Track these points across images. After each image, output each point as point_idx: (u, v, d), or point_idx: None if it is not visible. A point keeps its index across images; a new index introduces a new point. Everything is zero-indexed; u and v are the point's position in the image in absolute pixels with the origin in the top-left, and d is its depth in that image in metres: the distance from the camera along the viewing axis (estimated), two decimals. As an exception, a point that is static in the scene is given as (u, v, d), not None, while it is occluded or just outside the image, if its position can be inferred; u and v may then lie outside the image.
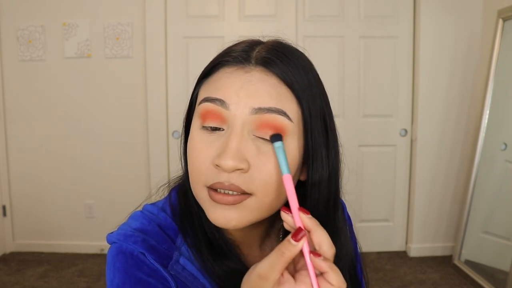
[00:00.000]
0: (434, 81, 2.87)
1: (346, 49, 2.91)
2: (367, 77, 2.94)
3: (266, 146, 0.52)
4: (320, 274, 0.46)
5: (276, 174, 0.51)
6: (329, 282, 0.45)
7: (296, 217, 0.47)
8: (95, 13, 2.88)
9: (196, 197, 0.56)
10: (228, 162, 0.49)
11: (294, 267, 0.49)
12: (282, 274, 0.47)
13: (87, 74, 2.93)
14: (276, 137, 0.51)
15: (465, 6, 2.82)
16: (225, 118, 0.52)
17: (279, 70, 0.52)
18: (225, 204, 0.52)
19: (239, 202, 0.51)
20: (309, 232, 0.47)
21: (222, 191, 0.51)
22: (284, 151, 0.50)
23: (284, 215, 0.48)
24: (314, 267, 0.46)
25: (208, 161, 0.52)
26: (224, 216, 0.52)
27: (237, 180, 0.51)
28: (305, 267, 0.47)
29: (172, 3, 2.85)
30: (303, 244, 0.46)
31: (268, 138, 0.51)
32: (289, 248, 0.45)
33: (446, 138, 2.92)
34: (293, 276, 0.47)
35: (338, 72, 2.92)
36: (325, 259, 0.46)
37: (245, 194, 0.52)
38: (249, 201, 0.52)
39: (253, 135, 0.52)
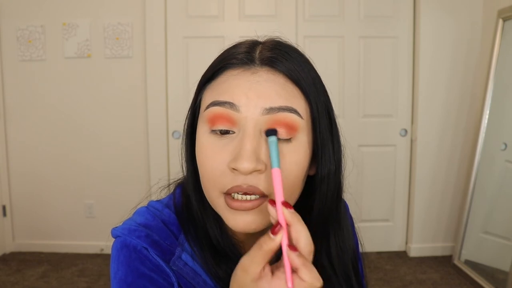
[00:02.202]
0: (434, 81, 2.87)
1: (346, 49, 2.91)
2: (367, 77, 2.94)
3: (279, 145, 0.52)
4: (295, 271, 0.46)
5: (291, 171, 0.52)
6: (302, 279, 0.45)
7: (278, 211, 0.47)
8: (95, 13, 2.88)
9: (211, 204, 0.56)
10: (245, 164, 0.49)
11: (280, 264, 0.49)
12: (264, 268, 0.47)
13: (87, 74, 2.93)
14: (271, 131, 0.51)
15: (465, 6, 2.82)
16: (235, 120, 0.52)
17: (285, 68, 0.53)
18: (244, 210, 0.52)
19: (257, 207, 0.52)
20: (290, 226, 0.47)
21: (240, 197, 0.52)
22: (277, 145, 0.50)
23: (270, 208, 0.48)
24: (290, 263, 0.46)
25: (222, 165, 0.52)
26: (244, 221, 0.53)
27: (254, 181, 0.51)
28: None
29: (172, 3, 2.85)
30: (282, 239, 0.46)
31: (281, 136, 0.52)
32: (266, 242, 0.46)
33: (446, 138, 2.92)
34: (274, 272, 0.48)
35: (338, 72, 2.92)
36: (300, 255, 0.46)
37: (262, 197, 0.52)
38: (266, 204, 0.52)
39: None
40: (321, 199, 0.57)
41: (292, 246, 0.46)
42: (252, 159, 0.50)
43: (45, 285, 2.56)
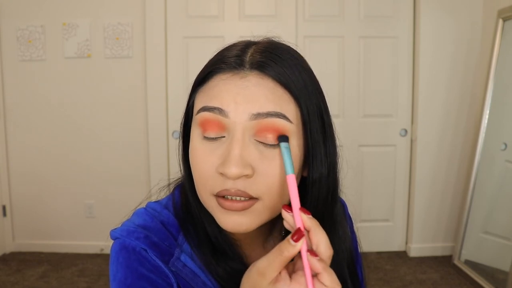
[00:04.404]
0: (434, 81, 2.87)
1: (346, 49, 2.91)
2: (367, 77, 2.94)
3: (268, 150, 0.52)
4: (315, 275, 0.46)
5: (279, 176, 0.52)
6: (323, 283, 0.46)
7: (297, 217, 0.47)
8: (95, 13, 2.88)
9: (204, 205, 0.57)
10: (233, 169, 0.50)
11: (294, 267, 0.50)
12: (280, 272, 0.47)
13: (87, 74, 2.93)
14: (283, 137, 0.51)
15: (465, 6, 2.82)
16: (225, 125, 0.52)
17: (275, 72, 0.52)
18: (235, 210, 0.52)
19: (247, 208, 0.52)
20: (308, 231, 0.47)
21: (230, 197, 0.52)
22: (290, 151, 0.50)
23: (285, 213, 0.49)
24: (310, 267, 0.46)
25: (212, 169, 0.52)
26: (235, 221, 0.53)
27: (243, 185, 0.51)
28: (302, 267, 0.47)
29: (172, 3, 2.85)
30: (302, 245, 0.46)
31: (269, 142, 0.52)
32: (288, 248, 0.46)
33: (446, 138, 2.92)
34: (291, 275, 0.48)
35: (338, 72, 2.92)
36: (321, 260, 0.46)
37: (252, 199, 0.52)
38: (257, 206, 0.53)
39: (254, 139, 0.52)
40: (312, 203, 0.56)
41: (312, 252, 0.46)
42: (239, 164, 0.50)
43: (45, 285, 2.56)
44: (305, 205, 0.57)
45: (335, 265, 0.61)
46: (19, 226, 3.08)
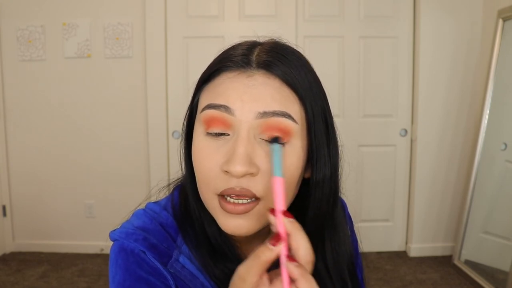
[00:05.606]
0: (434, 81, 2.87)
1: (346, 49, 2.91)
2: (367, 77, 2.94)
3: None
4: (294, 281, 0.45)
5: (284, 175, 0.52)
6: None
7: (279, 221, 0.47)
8: (95, 13, 2.88)
9: (205, 205, 0.56)
10: (238, 167, 0.49)
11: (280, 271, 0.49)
12: (261, 277, 0.46)
13: (87, 74, 2.93)
14: (275, 139, 0.51)
15: (465, 6, 2.82)
16: (230, 123, 0.52)
17: (281, 72, 0.53)
18: (237, 213, 0.52)
19: (250, 210, 0.52)
20: (289, 236, 0.47)
21: (232, 200, 0.52)
22: (280, 153, 0.50)
23: (270, 216, 0.48)
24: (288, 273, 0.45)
25: (216, 167, 0.52)
26: (236, 224, 0.53)
27: (247, 184, 0.51)
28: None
29: (172, 3, 2.85)
30: (281, 249, 0.45)
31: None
32: (264, 253, 0.45)
33: (446, 138, 2.92)
34: (273, 281, 0.47)
35: (338, 72, 2.92)
36: (299, 265, 0.45)
37: (255, 200, 0.52)
38: (259, 207, 0.52)
39: (260, 138, 0.52)
40: (315, 204, 0.56)
41: (290, 257, 0.46)
42: (245, 162, 0.50)
43: (45, 285, 2.56)
44: (308, 206, 0.56)
45: (337, 266, 0.60)
46: (19, 226, 3.08)
